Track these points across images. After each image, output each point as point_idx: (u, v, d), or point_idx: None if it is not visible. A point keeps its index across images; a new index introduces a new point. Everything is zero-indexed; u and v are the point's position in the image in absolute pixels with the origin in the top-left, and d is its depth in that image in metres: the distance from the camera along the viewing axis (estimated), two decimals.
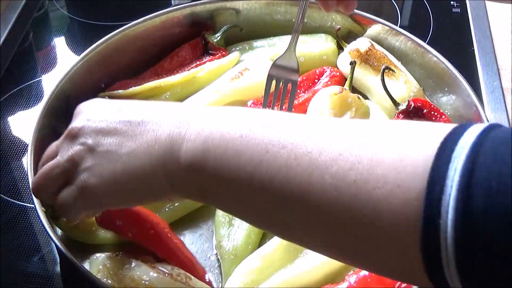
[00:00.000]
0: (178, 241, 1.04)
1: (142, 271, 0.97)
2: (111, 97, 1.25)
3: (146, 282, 0.95)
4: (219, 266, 1.04)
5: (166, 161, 0.73)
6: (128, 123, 0.78)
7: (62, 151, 0.82)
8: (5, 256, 1.12)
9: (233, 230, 1.05)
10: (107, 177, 0.77)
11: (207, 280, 1.01)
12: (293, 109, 1.19)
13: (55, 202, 0.84)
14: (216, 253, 1.05)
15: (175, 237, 1.04)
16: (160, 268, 0.98)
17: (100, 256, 1.01)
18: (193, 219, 1.12)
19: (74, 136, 0.81)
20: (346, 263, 0.87)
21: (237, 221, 1.06)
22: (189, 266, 1.00)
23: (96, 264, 1.00)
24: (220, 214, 1.07)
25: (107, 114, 0.80)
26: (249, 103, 1.21)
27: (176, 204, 1.11)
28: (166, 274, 0.97)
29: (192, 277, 0.98)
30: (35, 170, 1.06)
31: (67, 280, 1.09)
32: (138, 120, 0.78)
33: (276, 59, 1.19)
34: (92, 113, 0.82)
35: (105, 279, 0.97)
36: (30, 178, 1.04)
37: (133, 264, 0.99)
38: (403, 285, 0.94)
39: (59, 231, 1.06)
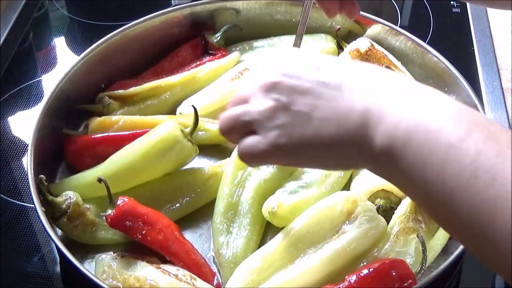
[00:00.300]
0: (187, 244, 1.04)
1: (147, 272, 0.97)
2: (111, 97, 1.26)
3: (151, 283, 0.95)
4: (218, 266, 1.04)
5: (358, 135, 0.71)
6: (324, 85, 0.75)
7: (254, 101, 0.80)
8: (5, 256, 1.12)
9: (231, 237, 1.05)
10: (296, 139, 0.76)
11: (215, 284, 1.01)
12: None
13: (238, 145, 0.84)
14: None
15: (185, 240, 1.04)
16: (165, 268, 0.98)
17: (106, 257, 1.01)
18: (193, 219, 1.12)
19: (269, 89, 0.78)
20: None
21: (235, 229, 1.06)
22: (197, 270, 1.00)
23: (102, 265, 1.00)
24: (217, 221, 1.07)
25: (304, 71, 0.77)
26: None
27: (177, 205, 1.11)
28: (171, 275, 0.97)
29: (197, 278, 0.98)
30: (35, 170, 1.06)
31: (67, 280, 1.09)
32: (336, 83, 0.75)
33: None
34: (289, 68, 0.79)
35: (110, 280, 0.97)
36: (30, 178, 1.04)
37: (138, 265, 0.99)
38: (404, 285, 0.94)
39: (59, 231, 1.06)
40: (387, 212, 1.06)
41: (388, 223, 1.03)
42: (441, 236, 1.01)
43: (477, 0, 1.12)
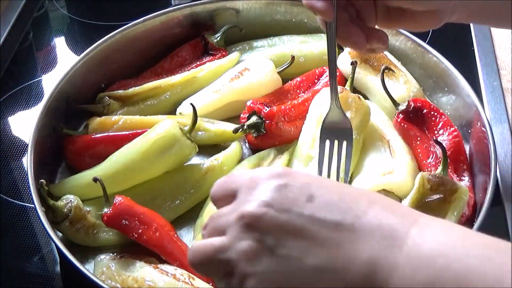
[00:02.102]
0: (183, 244, 1.04)
1: (145, 272, 0.97)
2: (111, 97, 1.26)
3: (150, 283, 0.95)
4: None
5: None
6: (319, 222, 0.62)
7: (232, 236, 0.65)
8: (5, 256, 1.12)
9: None
10: (278, 285, 0.62)
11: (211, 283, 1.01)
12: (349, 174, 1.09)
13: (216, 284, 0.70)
14: None
15: (180, 241, 1.04)
16: (163, 268, 0.98)
17: (104, 258, 1.01)
18: (191, 218, 1.11)
19: (250, 224, 0.64)
20: None
21: None
22: (192, 270, 1.00)
23: (100, 266, 1.00)
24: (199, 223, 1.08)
25: (294, 202, 0.63)
26: (248, 103, 1.21)
27: (177, 202, 1.11)
28: (169, 275, 0.97)
29: (195, 277, 0.98)
30: (35, 170, 1.06)
31: (67, 280, 1.09)
32: (333, 220, 0.62)
33: (325, 118, 1.06)
34: (274, 196, 0.64)
35: (109, 281, 0.97)
36: (30, 178, 1.05)
37: (136, 265, 1.00)
38: None
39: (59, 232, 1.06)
40: None
41: None
42: None
43: (479, 20, 1.07)
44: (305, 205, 0.63)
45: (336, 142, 1.04)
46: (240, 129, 1.18)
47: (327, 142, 1.04)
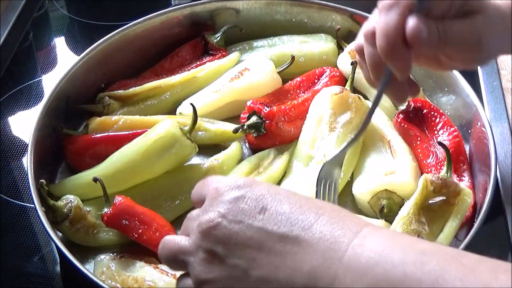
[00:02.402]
0: None
1: (145, 272, 0.97)
2: (111, 97, 1.26)
3: (150, 283, 0.95)
4: None
5: None
6: (268, 234, 0.66)
7: (192, 241, 0.72)
8: (5, 256, 1.12)
9: None
10: None
11: None
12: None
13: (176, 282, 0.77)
14: None
15: None
16: (163, 268, 0.98)
17: (104, 258, 1.01)
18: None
19: (205, 233, 0.70)
20: None
21: None
22: None
23: (101, 266, 1.00)
24: None
25: (247, 214, 0.68)
26: (248, 103, 1.21)
27: (177, 202, 1.11)
28: (169, 274, 0.97)
29: None
30: (35, 170, 1.06)
31: (67, 280, 1.09)
32: (280, 232, 0.65)
33: (328, 160, 1.04)
34: (229, 207, 0.69)
35: (109, 281, 0.97)
36: (30, 178, 1.04)
37: (136, 265, 1.00)
38: None
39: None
40: (391, 211, 1.06)
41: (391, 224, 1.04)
42: (443, 239, 1.01)
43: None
44: (256, 217, 0.67)
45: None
46: (240, 129, 1.18)
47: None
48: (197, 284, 0.70)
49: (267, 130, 1.18)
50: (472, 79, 1.35)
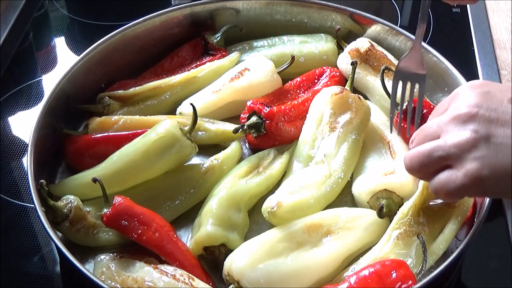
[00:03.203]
0: (182, 244, 1.04)
1: (145, 272, 0.97)
2: (111, 97, 1.26)
3: (149, 284, 0.95)
4: (211, 261, 1.05)
5: None
6: None
7: (448, 134, 0.81)
8: (5, 256, 1.12)
9: None
10: (501, 170, 0.76)
11: (210, 284, 1.01)
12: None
13: (430, 182, 0.84)
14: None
15: (180, 241, 1.04)
16: (162, 269, 0.98)
17: (104, 258, 1.01)
18: (191, 218, 1.11)
19: (465, 121, 0.79)
20: None
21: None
22: (192, 270, 1.01)
23: (100, 266, 1.00)
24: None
25: (498, 104, 0.79)
26: (248, 103, 1.21)
27: (177, 202, 1.11)
28: (169, 275, 0.97)
29: (195, 277, 0.98)
30: (35, 170, 1.06)
31: (67, 280, 1.09)
32: None
33: (402, 58, 1.11)
34: (482, 99, 0.80)
35: (109, 281, 0.97)
36: (30, 178, 1.05)
37: (136, 266, 1.00)
38: (404, 285, 0.94)
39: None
40: (391, 211, 1.06)
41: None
42: (443, 240, 1.01)
43: None
44: (508, 106, 0.78)
45: (408, 84, 1.10)
46: (240, 129, 1.18)
47: (400, 83, 1.10)
48: (464, 167, 0.78)
49: (267, 130, 1.18)
50: (472, 79, 1.35)
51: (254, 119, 1.19)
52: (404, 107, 1.12)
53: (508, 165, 0.76)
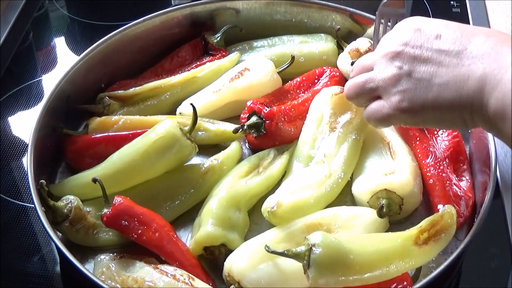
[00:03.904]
0: (182, 244, 1.04)
1: (145, 272, 0.97)
2: (111, 97, 1.26)
3: (149, 284, 0.95)
4: (211, 261, 1.05)
5: (475, 100, 0.79)
6: (444, 53, 0.83)
7: (378, 69, 0.91)
8: (5, 256, 1.12)
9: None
10: (418, 103, 0.85)
11: (210, 284, 1.01)
12: None
13: (364, 110, 0.96)
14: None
15: (180, 241, 1.04)
16: (162, 269, 0.98)
17: (104, 258, 1.01)
18: (191, 218, 1.11)
19: (392, 58, 0.89)
20: None
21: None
22: (192, 270, 1.00)
23: (100, 266, 1.00)
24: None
25: (424, 40, 0.86)
26: (248, 103, 1.21)
27: (176, 202, 1.11)
28: (169, 275, 0.97)
29: (195, 277, 0.98)
30: (35, 170, 1.06)
31: (67, 280, 1.09)
32: (455, 50, 0.82)
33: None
34: (409, 37, 0.87)
35: (109, 281, 0.97)
36: (30, 178, 1.05)
37: (136, 266, 1.00)
38: (399, 286, 0.94)
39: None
40: (391, 211, 1.06)
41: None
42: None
43: None
44: (433, 42, 0.85)
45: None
46: (240, 129, 1.18)
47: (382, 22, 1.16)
48: (389, 98, 0.90)
49: (267, 130, 1.18)
50: None
51: (254, 119, 1.19)
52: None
53: (424, 98, 0.84)
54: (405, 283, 0.94)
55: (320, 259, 0.90)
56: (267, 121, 1.18)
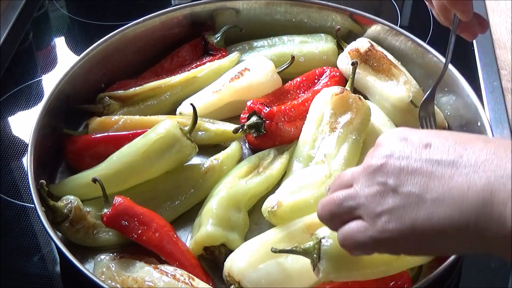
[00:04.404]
0: (182, 245, 1.04)
1: (145, 272, 0.97)
2: (111, 97, 1.26)
3: (149, 284, 0.95)
4: (211, 261, 1.05)
5: (480, 214, 0.64)
6: (435, 163, 0.69)
7: (359, 185, 0.76)
8: (5, 256, 1.12)
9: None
10: (408, 224, 0.69)
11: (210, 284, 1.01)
12: None
13: (338, 231, 0.78)
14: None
15: (180, 241, 1.04)
16: (162, 268, 0.98)
17: (104, 258, 1.01)
18: (191, 218, 1.11)
19: (374, 172, 0.74)
20: None
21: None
22: (192, 270, 1.01)
23: (100, 266, 1.00)
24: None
25: (412, 151, 0.72)
26: (248, 103, 1.21)
27: (176, 202, 1.11)
28: (169, 275, 0.97)
29: (195, 277, 0.98)
30: (35, 170, 1.06)
31: (67, 280, 1.09)
32: (448, 160, 0.69)
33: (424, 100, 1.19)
34: (394, 148, 0.74)
35: (109, 281, 0.97)
36: (30, 178, 1.05)
37: (136, 266, 1.00)
38: (399, 282, 0.94)
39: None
40: None
41: None
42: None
43: None
44: (422, 151, 0.71)
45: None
46: (240, 129, 1.18)
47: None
48: (374, 219, 0.73)
49: (267, 130, 1.18)
50: (472, 79, 1.35)
51: (254, 119, 1.19)
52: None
53: (414, 217, 0.69)
54: (404, 283, 0.94)
55: (332, 250, 0.87)
56: (267, 121, 1.18)
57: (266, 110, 1.18)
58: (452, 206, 0.66)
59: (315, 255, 0.89)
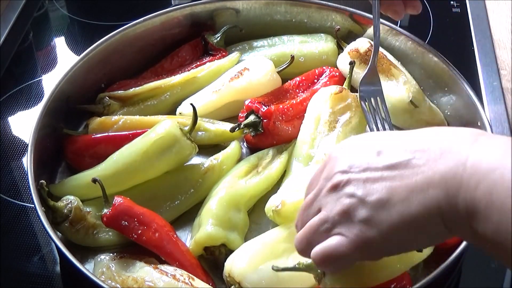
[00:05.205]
0: (182, 245, 1.04)
1: (145, 272, 0.97)
2: (111, 97, 1.26)
3: (149, 284, 0.95)
4: (211, 261, 1.05)
5: (442, 207, 0.69)
6: (393, 167, 0.73)
7: (328, 205, 0.77)
8: (5, 256, 1.12)
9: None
10: (386, 227, 0.72)
11: (210, 284, 1.01)
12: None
13: (313, 251, 0.78)
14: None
15: (180, 241, 1.04)
16: (163, 268, 0.98)
17: (104, 258, 1.01)
18: (191, 218, 1.11)
19: (339, 189, 0.76)
20: None
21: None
22: (192, 270, 1.01)
23: (100, 266, 1.00)
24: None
25: (367, 161, 0.75)
26: (246, 102, 1.21)
27: (176, 202, 1.11)
28: (169, 275, 0.97)
29: (195, 277, 0.98)
30: (35, 170, 1.06)
31: (67, 280, 1.09)
32: (403, 161, 0.73)
33: (361, 81, 1.19)
34: (350, 161, 0.77)
35: (109, 281, 0.97)
36: (30, 178, 1.05)
37: (136, 266, 1.00)
38: (399, 285, 0.94)
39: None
40: None
41: None
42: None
43: None
44: (377, 159, 0.75)
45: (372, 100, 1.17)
46: (237, 128, 1.18)
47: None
48: (351, 231, 0.74)
49: (265, 129, 1.18)
50: (472, 79, 1.35)
51: (251, 118, 1.19)
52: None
53: (389, 219, 0.72)
54: (404, 282, 0.94)
55: None
56: (265, 120, 1.18)
57: (264, 109, 1.18)
58: (418, 204, 0.70)
59: (319, 271, 0.88)
